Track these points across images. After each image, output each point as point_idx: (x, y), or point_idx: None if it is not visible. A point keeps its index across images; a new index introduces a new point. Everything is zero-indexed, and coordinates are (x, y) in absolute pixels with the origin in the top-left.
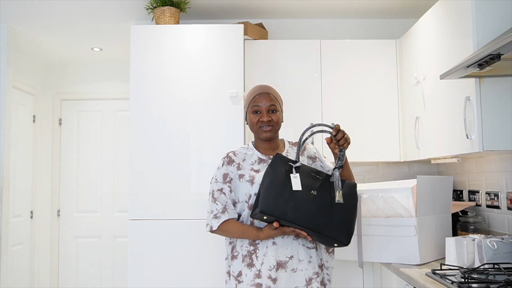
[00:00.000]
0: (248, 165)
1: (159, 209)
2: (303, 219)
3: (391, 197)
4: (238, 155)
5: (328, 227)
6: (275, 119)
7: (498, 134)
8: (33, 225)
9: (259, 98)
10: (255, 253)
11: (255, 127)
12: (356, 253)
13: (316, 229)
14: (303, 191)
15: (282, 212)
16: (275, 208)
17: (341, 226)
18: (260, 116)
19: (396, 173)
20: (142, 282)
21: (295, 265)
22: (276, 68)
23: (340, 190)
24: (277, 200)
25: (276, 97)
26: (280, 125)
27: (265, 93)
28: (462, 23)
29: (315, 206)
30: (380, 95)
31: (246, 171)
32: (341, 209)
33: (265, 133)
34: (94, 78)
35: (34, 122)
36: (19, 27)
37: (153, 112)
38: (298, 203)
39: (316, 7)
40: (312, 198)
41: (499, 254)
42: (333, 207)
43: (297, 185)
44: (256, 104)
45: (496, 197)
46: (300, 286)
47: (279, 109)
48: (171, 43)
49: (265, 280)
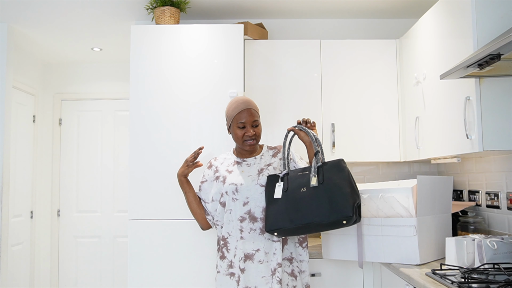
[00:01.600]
0: (224, 167)
1: (159, 209)
2: (306, 216)
3: (391, 197)
4: (218, 159)
5: (330, 212)
6: (257, 132)
7: (498, 134)
8: (33, 225)
9: (243, 114)
10: (225, 247)
11: (240, 140)
12: (356, 253)
13: (321, 220)
14: (294, 191)
15: (284, 222)
16: (277, 222)
17: (340, 203)
18: (246, 131)
19: (396, 173)
20: (142, 282)
21: (262, 257)
22: (276, 68)
23: (314, 175)
24: (276, 214)
25: (257, 111)
26: (261, 135)
27: (248, 109)
28: (462, 23)
29: (309, 199)
30: (380, 95)
31: (221, 172)
32: (334, 188)
33: (249, 146)
34: (94, 78)
35: (34, 122)
36: (19, 27)
37: (153, 112)
38: (295, 206)
39: (316, 7)
40: (304, 195)
41: (499, 254)
42: (326, 190)
43: (278, 193)
44: (241, 121)
45: (496, 197)
46: (266, 276)
47: (259, 122)
48: (171, 43)
49: (236, 270)
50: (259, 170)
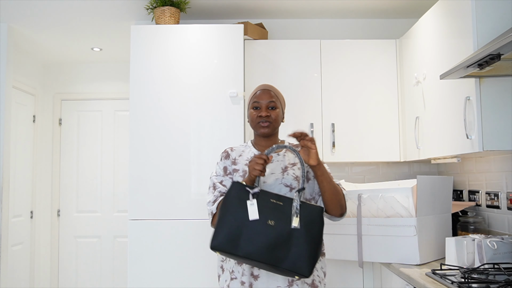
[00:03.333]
0: (243, 160)
1: (159, 209)
2: (257, 253)
3: (391, 197)
4: (235, 150)
5: (284, 260)
6: (273, 115)
7: (498, 134)
8: (33, 225)
9: (259, 95)
10: None
11: (254, 123)
12: (356, 253)
13: (271, 263)
14: (259, 222)
15: (234, 247)
16: (227, 243)
17: (301, 257)
18: (259, 112)
19: (396, 173)
20: (142, 282)
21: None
22: (276, 68)
23: (297, 215)
24: (230, 234)
25: (276, 94)
26: (279, 123)
27: (266, 90)
28: (462, 23)
29: (270, 237)
30: (380, 95)
31: (240, 165)
32: (301, 239)
33: (263, 128)
34: (94, 78)
35: (34, 122)
36: (19, 27)
37: (153, 112)
38: (252, 236)
39: (316, 7)
40: (268, 229)
41: (499, 254)
42: (292, 236)
43: (254, 213)
44: (257, 100)
45: (496, 197)
46: (282, 286)
47: (279, 106)
48: (171, 43)
49: (248, 278)
50: (283, 168)
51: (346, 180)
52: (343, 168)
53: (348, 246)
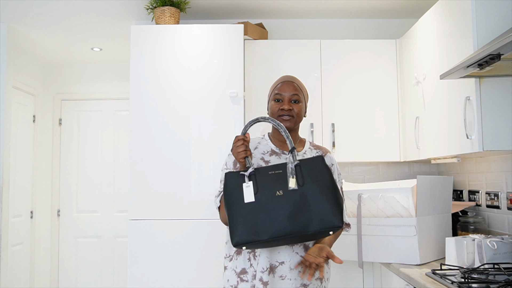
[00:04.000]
0: (259, 153)
1: (159, 209)
2: (282, 228)
3: (391, 197)
4: (251, 143)
5: (310, 223)
6: (296, 109)
7: (498, 134)
8: (33, 225)
9: (282, 87)
10: (253, 252)
11: (275, 116)
12: (356, 253)
13: (300, 231)
14: (268, 196)
15: (257, 234)
16: (248, 234)
17: (324, 211)
18: (281, 105)
19: (396, 173)
20: (142, 282)
21: (285, 273)
22: (276, 68)
23: (292, 175)
24: (245, 224)
25: (300, 87)
26: (302, 118)
27: (289, 81)
28: (462, 23)
29: (287, 207)
30: (380, 95)
31: (255, 159)
32: (316, 194)
33: (284, 122)
34: (94, 78)
35: (34, 122)
36: (19, 27)
37: (153, 112)
38: (269, 213)
39: (316, 7)
40: (280, 200)
41: (499, 254)
42: (306, 196)
43: (250, 196)
44: (279, 93)
45: (496, 197)
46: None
47: (302, 100)
48: (171, 43)
49: (257, 283)
50: None
51: (346, 180)
52: (343, 168)
53: (348, 246)
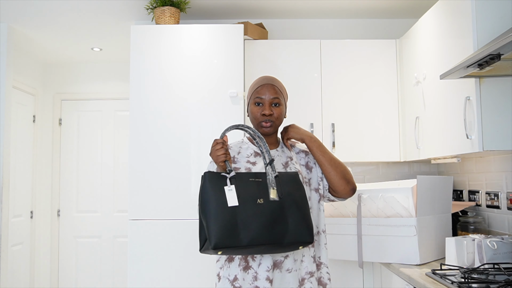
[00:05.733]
0: (243, 157)
1: (159, 209)
2: (260, 235)
3: (391, 197)
4: (233, 148)
5: (286, 234)
6: (276, 113)
7: (498, 134)
8: (33, 225)
9: (262, 90)
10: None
11: (256, 120)
12: (356, 253)
13: (275, 241)
14: (250, 202)
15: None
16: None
17: (299, 225)
18: (262, 109)
19: (396, 173)
20: (142, 282)
21: (290, 265)
22: (276, 68)
23: (273, 187)
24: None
25: (281, 90)
26: (282, 120)
27: (269, 84)
28: (462, 23)
29: (266, 215)
30: (380, 95)
31: (241, 163)
32: (292, 207)
33: (264, 128)
34: (94, 78)
35: (34, 122)
36: (19, 27)
37: (153, 112)
38: (248, 220)
39: (316, 7)
40: (261, 208)
41: (499, 254)
42: (284, 208)
43: (233, 199)
44: (259, 96)
45: (496, 197)
46: (294, 287)
47: (282, 103)
48: (171, 43)
49: (262, 282)
50: (283, 163)
51: None
52: None
53: (348, 246)
